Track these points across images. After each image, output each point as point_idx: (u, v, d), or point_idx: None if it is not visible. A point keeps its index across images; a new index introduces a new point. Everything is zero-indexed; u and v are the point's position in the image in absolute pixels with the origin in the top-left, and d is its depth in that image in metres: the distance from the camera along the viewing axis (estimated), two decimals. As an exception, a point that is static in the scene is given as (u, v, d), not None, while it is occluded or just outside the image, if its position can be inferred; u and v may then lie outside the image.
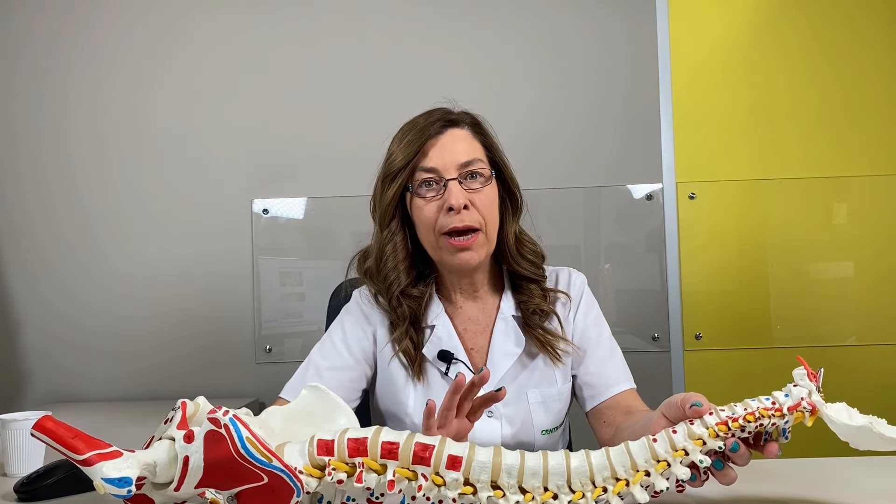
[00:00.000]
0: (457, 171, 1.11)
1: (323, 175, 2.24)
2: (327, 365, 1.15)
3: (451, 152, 1.12)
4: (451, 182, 1.10)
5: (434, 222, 1.11)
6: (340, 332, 1.19)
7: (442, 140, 1.13)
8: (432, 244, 1.13)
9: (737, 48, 2.20)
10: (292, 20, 2.27)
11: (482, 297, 1.20)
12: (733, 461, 0.76)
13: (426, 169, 1.12)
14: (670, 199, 2.19)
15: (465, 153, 1.12)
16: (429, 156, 1.12)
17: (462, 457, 0.72)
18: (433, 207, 1.11)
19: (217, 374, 2.24)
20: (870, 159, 2.17)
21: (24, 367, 2.28)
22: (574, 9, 2.23)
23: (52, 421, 0.70)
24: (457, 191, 1.09)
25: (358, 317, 1.20)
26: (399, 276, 1.15)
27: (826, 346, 2.16)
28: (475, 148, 1.15)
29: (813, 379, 0.78)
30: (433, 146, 1.13)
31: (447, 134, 1.14)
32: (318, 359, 1.17)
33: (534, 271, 1.19)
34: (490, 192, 1.13)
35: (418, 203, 1.12)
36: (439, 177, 1.11)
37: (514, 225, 1.19)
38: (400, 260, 1.15)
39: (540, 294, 1.18)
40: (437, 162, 1.11)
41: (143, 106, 2.29)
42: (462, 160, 1.11)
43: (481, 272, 1.19)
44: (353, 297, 1.24)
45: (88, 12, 2.30)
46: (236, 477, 0.69)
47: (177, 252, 2.26)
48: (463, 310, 1.19)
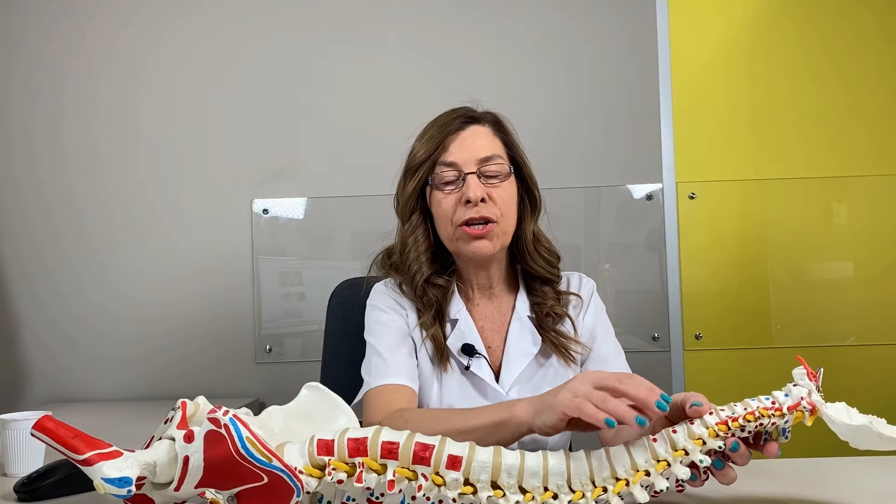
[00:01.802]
0: (476, 165, 1.13)
1: (323, 175, 2.24)
2: (395, 347, 1.15)
3: (471, 147, 1.15)
4: (470, 176, 1.12)
5: (452, 214, 1.13)
6: (385, 317, 1.18)
7: (462, 135, 1.16)
8: (449, 236, 1.15)
9: (737, 48, 2.20)
10: (292, 20, 2.27)
11: (497, 294, 1.22)
12: (733, 461, 0.76)
13: (446, 163, 1.14)
14: (670, 199, 2.19)
15: (485, 149, 1.15)
16: (449, 150, 1.15)
17: (462, 457, 0.72)
18: (451, 200, 1.13)
19: (217, 374, 2.23)
20: (870, 159, 2.17)
21: (24, 367, 2.28)
22: (574, 9, 2.23)
23: (52, 421, 0.70)
24: (475, 184, 1.11)
25: (390, 303, 1.20)
26: (422, 267, 1.17)
27: (826, 346, 2.15)
28: (495, 144, 1.17)
29: (813, 379, 0.78)
30: (453, 141, 1.15)
31: (468, 130, 1.17)
32: (383, 346, 1.15)
33: (549, 270, 1.21)
34: (508, 188, 1.15)
35: (437, 196, 1.15)
36: (458, 171, 1.13)
37: (532, 224, 1.21)
38: (422, 251, 1.18)
39: (554, 297, 1.20)
40: (457, 156, 1.14)
41: (142, 106, 2.29)
42: (481, 155, 1.14)
43: (496, 267, 1.20)
44: (375, 290, 1.23)
45: (84, 12, 2.30)
46: (236, 477, 0.69)
47: (177, 252, 2.26)
48: (480, 307, 1.21)
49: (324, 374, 1.40)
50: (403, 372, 1.12)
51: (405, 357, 1.14)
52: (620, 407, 0.74)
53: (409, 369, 1.14)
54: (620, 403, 0.75)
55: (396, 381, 1.11)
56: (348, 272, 1.43)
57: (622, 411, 0.74)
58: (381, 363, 1.13)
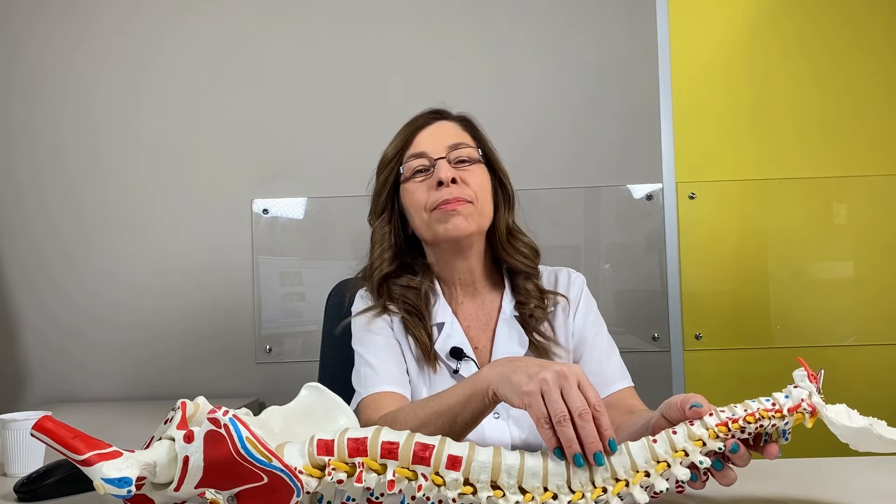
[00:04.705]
0: (445, 151, 1.14)
1: (323, 175, 2.24)
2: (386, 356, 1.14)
3: (440, 136, 1.16)
4: (440, 161, 1.13)
5: (424, 202, 1.13)
6: (371, 324, 1.16)
7: (430, 129, 1.18)
8: (425, 223, 1.14)
9: (737, 48, 2.20)
10: (292, 20, 2.27)
11: (481, 292, 1.20)
12: (733, 462, 0.76)
13: (415, 154, 1.15)
14: (670, 199, 2.19)
15: (454, 137, 1.16)
16: (416, 142, 1.16)
17: (462, 457, 0.72)
18: (423, 187, 1.14)
19: (217, 374, 2.23)
20: (870, 159, 2.17)
21: (24, 367, 2.28)
22: (574, 8, 2.23)
23: (52, 421, 0.70)
24: (445, 167, 1.12)
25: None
26: (382, 263, 1.17)
27: (826, 346, 2.15)
28: (463, 135, 1.18)
29: (813, 380, 0.78)
30: (421, 134, 1.17)
31: (436, 124, 1.18)
32: (371, 355, 1.13)
33: (527, 264, 1.20)
34: (479, 172, 1.16)
35: (409, 188, 1.15)
36: (428, 158, 1.14)
37: (508, 216, 1.20)
38: (385, 248, 1.18)
39: (537, 295, 1.18)
40: (426, 146, 1.15)
41: (142, 106, 2.29)
42: (450, 142, 1.15)
43: (476, 258, 1.19)
44: (359, 297, 1.22)
45: (85, 13, 2.29)
46: (236, 477, 0.69)
47: (176, 252, 2.26)
48: (464, 306, 1.20)
49: (321, 374, 1.40)
50: (394, 379, 1.11)
51: (394, 363, 1.13)
52: (573, 442, 0.72)
53: (399, 375, 1.12)
54: (573, 437, 0.72)
55: (387, 389, 1.09)
56: (348, 272, 1.43)
57: (573, 448, 0.72)
58: (371, 372, 1.11)
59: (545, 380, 0.75)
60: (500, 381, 0.81)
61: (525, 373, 0.78)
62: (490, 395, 0.84)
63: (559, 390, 0.75)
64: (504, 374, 0.81)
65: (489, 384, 0.83)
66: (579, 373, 0.77)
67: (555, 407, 0.74)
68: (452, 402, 0.89)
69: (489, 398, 0.84)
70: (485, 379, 0.85)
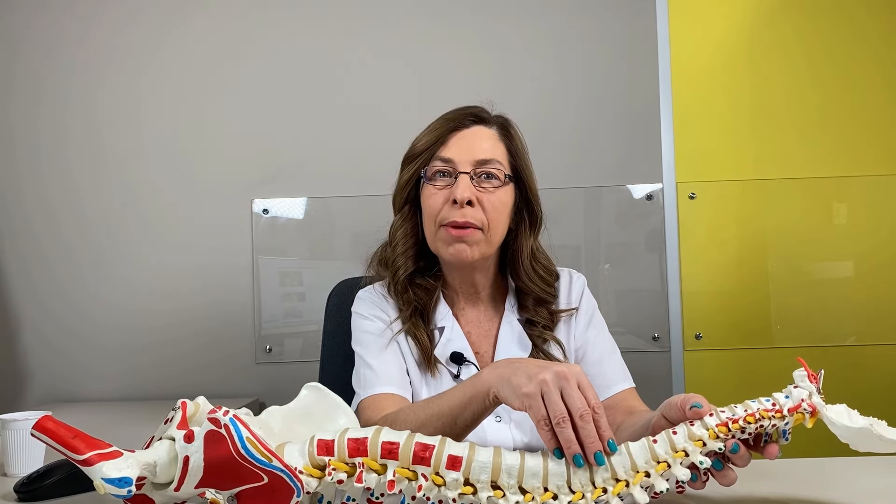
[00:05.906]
0: (471, 166, 1.10)
1: (323, 175, 2.24)
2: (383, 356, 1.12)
3: (471, 147, 1.11)
4: (463, 176, 1.09)
5: (437, 213, 1.10)
6: (370, 325, 1.15)
7: (465, 133, 1.13)
8: (432, 234, 1.12)
9: (737, 48, 2.20)
10: (292, 20, 2.27)
11: (483, 300, 1.19)
12: (733, 462, 0.76)
13: (442, 158, 1.11)
14: (670, 199, 2.19)
15: (485, 152, 1.11)
16: (448, 145, 1.12)
17: (462, 457, 0.72)
18: (440, 197, 1.10)
19: (217, 374, 2.23)
20: (870, 159, 2.17)
21: (24, 367, 2.28)
22: (574, 8, 2.23)
23: (52, 421, 0.70)
24: (465, 185, 1.08)
25: (374, 310, 1.17)
26: (406, 262, 1.15)
27: (826, 346, 2.15)
28: (497, 149, 1.13)
29: (813, 380, 0.78)
30: (455, 137, 1.13)
31: (472, 129, 1.14)
32: (370, 356, 1.12)
33: (544, 289, 1.17)
34: (502, 196, 1.11)
35: (428, 191, 1.12)
36: (453, 168, 1.10)
37: (530, 239, 1.17)
38: (409, 246, 1.16)
39: (548, 318, 1.17)
40: (455, 153, 1.11)
41: (142, 106, 2.29)
42: (479, 157, 1.11)
43: (482, 276, 1.17)
44: (358, 298, 1.20)
45: (86, 12, 2.30)
46: (236, 477, 0.69)
47: (177, 252, 2.26)
48: (465, 312, 1.19)
49: (322, 375, 1.40)
50: (394, 380, 1.10)
51: (394, 364, 1.12)
52: (573, 442, 0.72)
53: (399, 377, 1.11)
54: (573, 438, 0.73)
55: (387, 391, 1.08)
56: (348, 272, 1.42)
57: (573, 449, 0.72)
58: (371, 374, 1.10)
59: (545, 381, 0.75)
60: (501, 383, 0.81)
61: (525, 374, 0.78)
62: (491, 397, 0.83)
63: (559, 391, 0.75)
64: (504, 375, 0.81)
65: (490, 386, 0.83)
66: (579, 373, 0.77)
67: (554, 408, 0.74)
68: (453, 403, 0.88)
69: (490, 400, 0.84)
70: (485, 381, 0.84)
